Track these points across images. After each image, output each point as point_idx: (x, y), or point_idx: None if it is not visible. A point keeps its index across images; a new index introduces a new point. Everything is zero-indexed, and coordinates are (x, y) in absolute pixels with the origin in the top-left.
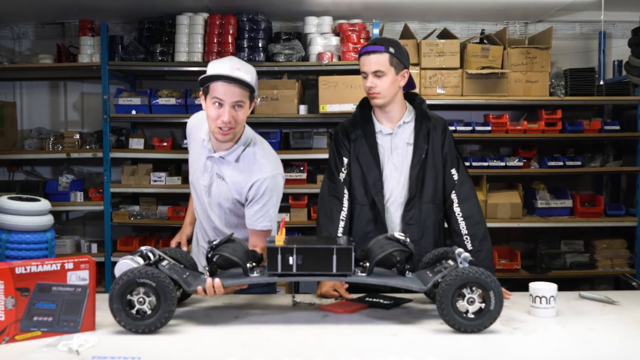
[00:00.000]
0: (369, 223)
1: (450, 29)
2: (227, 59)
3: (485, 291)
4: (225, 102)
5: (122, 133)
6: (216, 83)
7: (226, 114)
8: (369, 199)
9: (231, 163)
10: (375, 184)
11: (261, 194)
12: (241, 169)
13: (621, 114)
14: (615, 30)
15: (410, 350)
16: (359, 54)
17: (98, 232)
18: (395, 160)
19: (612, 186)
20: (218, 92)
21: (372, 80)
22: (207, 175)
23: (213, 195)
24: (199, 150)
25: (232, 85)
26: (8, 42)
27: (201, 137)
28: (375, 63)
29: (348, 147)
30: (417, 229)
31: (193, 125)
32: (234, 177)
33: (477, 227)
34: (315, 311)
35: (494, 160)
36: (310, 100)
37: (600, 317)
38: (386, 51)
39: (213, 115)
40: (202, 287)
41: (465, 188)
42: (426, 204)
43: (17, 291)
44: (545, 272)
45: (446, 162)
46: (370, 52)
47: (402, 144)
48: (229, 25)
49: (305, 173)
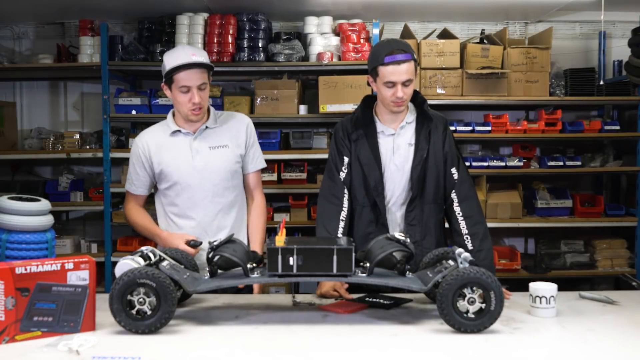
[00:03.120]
0: (370, 224)
1: (450, 29)
2: (179, 48)
3: (485, 291)
4: (191, 86)
5: (122, 133)
6: (179, 73)
7: (195, 96)
8: (370, 200)
9: (216, 128)
10: (377, 185)
11: (253, 134)
12: (227, 125)
13: (621, 114)
14: (615, 30)
15: (410, 350)
16: (379, 62)
17: (98, 232)
18: (397, 161)
19: (612, 186)
20: (183, 80)
21: (402, 90)
22: (199, 156)
23: (211, 168)
24: (173, 146)
25: (193, 71)
26: (8, 42)
27: (169, 134)
28: (406, 73)
29: (349, 147)
30: (420, 229)
31: (149, 141)
32: (227, 134)
33: (477, 227)
34: (315, 311)
35: (494, 160)
36: (310, 100)
37: (600, 317)
38: (412, 58)
39: (184, 101)
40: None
41: (465, 187)
42: (428, 204)
43: (17, 291)
44: (545, 272)
45: (446, 161)
46: (400, 62)
47: (404, 144)
48: (229, 25)
49: (305, 173)
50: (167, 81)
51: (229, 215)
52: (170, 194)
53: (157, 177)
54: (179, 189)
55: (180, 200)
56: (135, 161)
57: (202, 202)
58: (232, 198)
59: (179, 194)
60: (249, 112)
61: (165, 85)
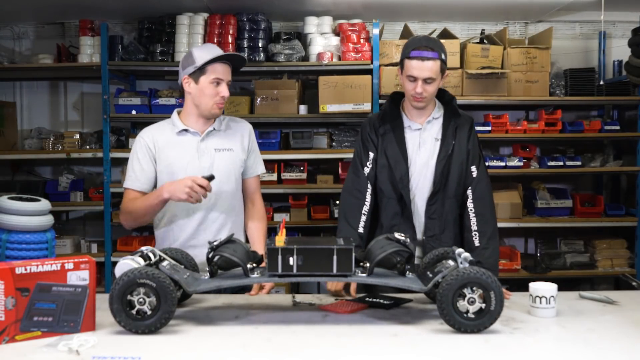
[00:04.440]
0: (396, 216)
1: (450, 29)
2: (211, 45)
3: (485, 291)
4: (223, 80)
5: (122, 133)
6: (215, 65)
7: (226, 90)
8: (397, 193)
9: (221, 131)
10: (403, 178)
11: (254, 140)
12: (231, 129)
13: (621, 114)
14: (615, 30)
15: (410, 350)
16: (406, 54)
17: (98, 232)
18: (422, 155)
19: (612, 186)
20: (218, 72)
21: (422, 87)
22: (206, 157)
23: (216, 169)
24: (179, 145)
25: (227, 65)
26: (8, 42)
27: (175, 133)
28: (429, 70)
29: (375, 142)
30: (439, 223)
31: (155, 136)
32: (232, 138)
33: (487, 226)
34: (315, 311)
35: (494, 160)
36: (310, 100)
37: (600, 317)
38: (439, 58)
39: (212, 93)
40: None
41: (482, 186)
42: (449, 199)
43: (17, 291)
44: (545, 272)
45: (467, 158)
46: (425, 59)
47: (430, 139)
48: (229, 25)
49: (305, 173)
50: (195, 73)
51: (229, 217)
52: None
53: (158, 175)
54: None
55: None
56: (141, 156)
57: (205, 202)
58: (233, 200)
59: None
60: (249, 112)
61: (191, 78)
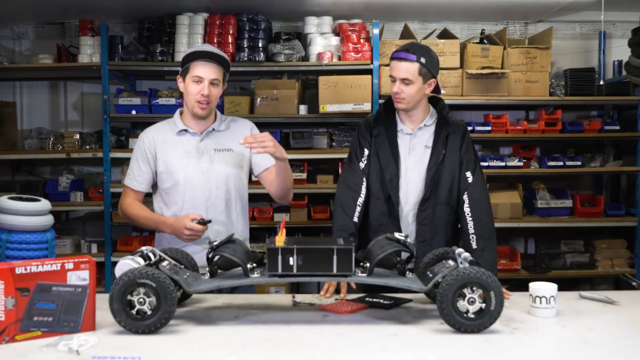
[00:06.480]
0: (382, 216)
1: (450, 29)
2: (203, 45)
3: (485, 291)
4: (204, 78)
5: (122, 133)
6: (196, 62)
7: (205, 88)
8: (385, 194)
9: (221, 131)
10: (392, 179)
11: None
12: (231, 130)
13: (621, 114)
14: (615, 30)
15: (410, 350)
16: (391, 56)
17: (98, 232)
18: (411, 161)
19: (612, 186)
20: (198, 70)
21: (399, 86)
22: (205, 157)
23: (216, 169)
24: (178, 145)
25: (210, 64)
26: (8, 42)
27: (175, 133)
28: (404, 71)
29: (369, 141)
30: (430, 229)
31: (155, 137)
32: (232, 138)
33: (484, 229)
34: (315, 311)
35: (494, 160)
36: (310, 100)
37: (600, 317)
38: (417, 61)
39: (193, 92)
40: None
41: (478, 191)
42: (440, 206)
43: (17, 291)
44: (545, 272)
45: (462, 165)
46: (401, 59)
47: (420, 146)
48: (229, 25)
49: (305, 173)
50: (183, 72)
51: (229, 218)
52: (171, 194)
53: (159, 175)
54: (182, 189)
55: (182, 200)
56: (139, 157)
57: (204, 203)
58: (233, 201)
59: (181, 193)
60: (249, 112)
61: (181, 77)
